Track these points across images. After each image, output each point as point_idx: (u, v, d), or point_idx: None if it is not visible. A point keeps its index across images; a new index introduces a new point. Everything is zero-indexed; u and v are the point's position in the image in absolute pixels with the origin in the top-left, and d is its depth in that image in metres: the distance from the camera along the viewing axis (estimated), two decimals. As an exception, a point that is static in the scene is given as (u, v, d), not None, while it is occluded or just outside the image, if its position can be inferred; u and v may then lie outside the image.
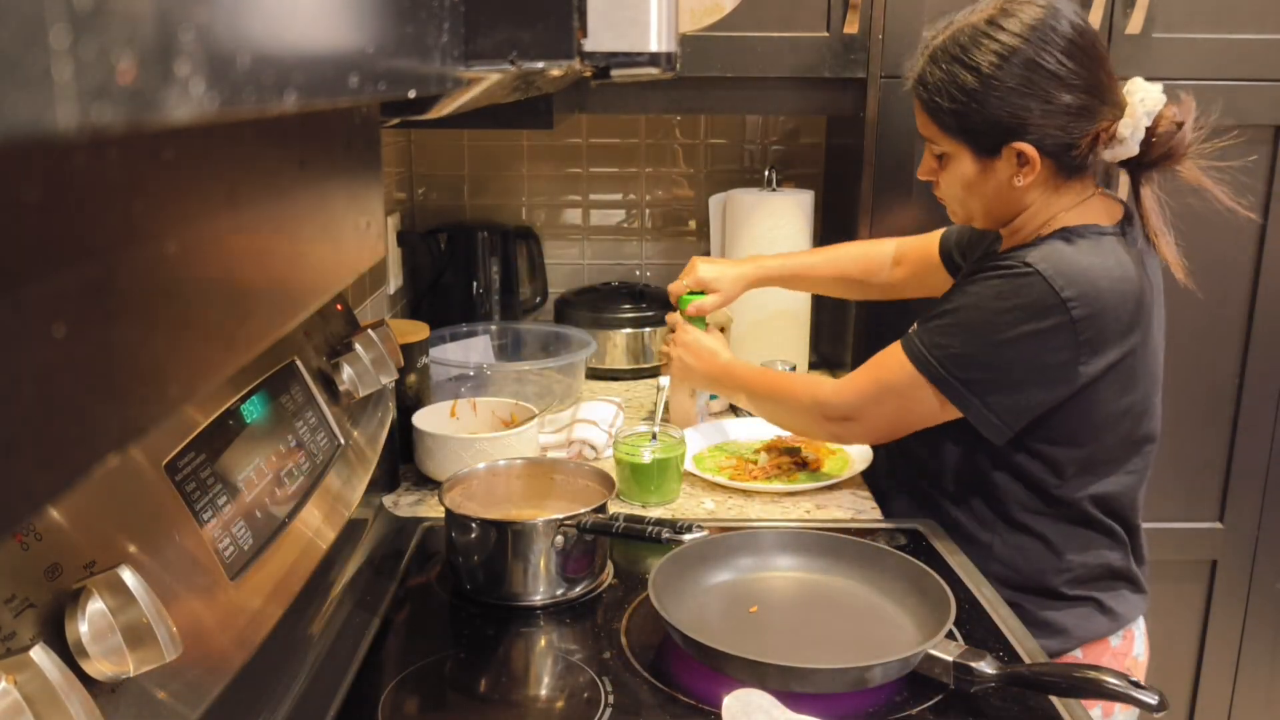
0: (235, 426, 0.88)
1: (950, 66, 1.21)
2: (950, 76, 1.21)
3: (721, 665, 0.98)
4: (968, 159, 1.24)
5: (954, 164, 1.26)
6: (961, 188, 1.27)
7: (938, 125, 1.24)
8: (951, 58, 1.21)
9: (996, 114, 1.19)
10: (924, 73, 1.24)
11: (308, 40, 0.29)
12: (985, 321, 1.20)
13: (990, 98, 1.19)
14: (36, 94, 0.18)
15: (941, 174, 1.29)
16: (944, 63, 1.21)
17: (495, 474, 1.28)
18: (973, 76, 1.19)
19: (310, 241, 0.42)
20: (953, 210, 1.34)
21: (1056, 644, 1.29)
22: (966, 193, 1.28)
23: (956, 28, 1.22)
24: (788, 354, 1.93)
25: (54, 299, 0.24)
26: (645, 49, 0.49)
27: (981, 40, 1.19)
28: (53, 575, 0.60)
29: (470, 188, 2.21)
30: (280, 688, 0.93)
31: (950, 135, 1.24)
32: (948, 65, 1.21)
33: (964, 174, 1.26)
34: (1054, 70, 1.17)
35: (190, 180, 0.30)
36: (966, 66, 1.20)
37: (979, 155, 1.24)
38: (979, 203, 1.28)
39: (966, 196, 1.28)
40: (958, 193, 1.29)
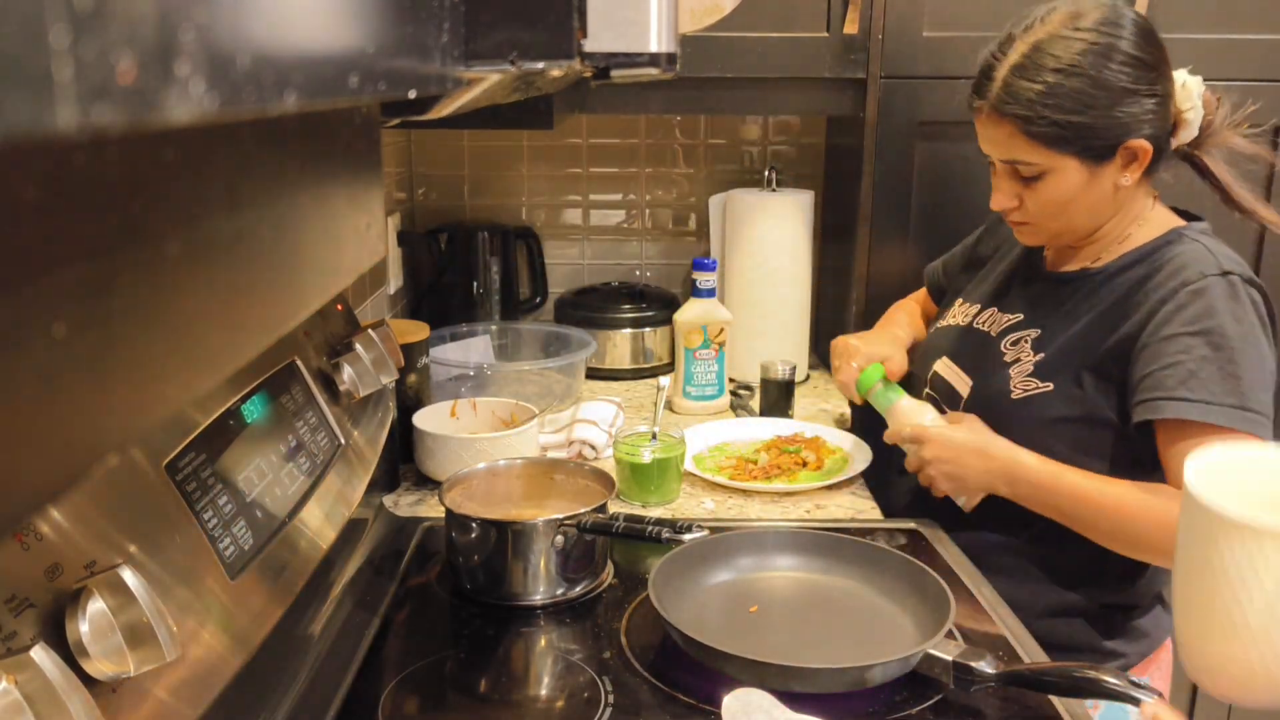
0: (235, 426, 0.88)
1: (1050, 77, 1.14)
2: (1053, 88, 1.14)
3: (721, 665, 0.98)
4: (1074, 170, 1.18)
5: (1054, 180, 1.19)
6: (1060, 204, 1.20)
7: (1041, 143, 1.17)
8: (1048, 69, 1.14)
9: (1112, 115, 1.15)
10: (1015, 91, 1.16)
11: (308, 40, 0.29)
12: (1243, 339, 1.14)
13: (1103, 99, 1.14)
14: (36, 94, 0.18)
15: (1029, 195, 1.21)
16: (1038, 76, 1.15)
17: (495, 474, 1.28)
18: (1081, 81, 1.14)
19: (310, 242, 0.42)
20: (1034, 232, 1.27)
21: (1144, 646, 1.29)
22: (1064, 208, 1.21)
23: (1037, 39, 1.16)
24: (788, 354, 1.93)
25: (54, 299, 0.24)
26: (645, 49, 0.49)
27: (1074, 43, 1.14)
28: (53, 575, 0.60)
29: (470, 188, 2.21)
30: (280, 688, 0.93)
31: (1056, 149, 1.17)
32: (1046, 77, 1.14)
33: (1067, 188, 1.19)
34: (1145, 59, 1.15)
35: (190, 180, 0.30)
36: (1071, 73, 1.14)
37: (1088, 163, 1.18)
38: (1079, 215, 1.22)
39: (1063, 212, 1.22)
40: (1052, 210, 1.22)
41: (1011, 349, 1.30)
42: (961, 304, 1.45)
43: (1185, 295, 1.16)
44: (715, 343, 1.79)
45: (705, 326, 1.78)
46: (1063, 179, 1.18)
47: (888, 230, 1.78)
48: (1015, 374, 1.28)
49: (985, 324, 1.37)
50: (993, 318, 1.37)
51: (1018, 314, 1.33)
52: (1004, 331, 1.33)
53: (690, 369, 1.80)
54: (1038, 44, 1.16)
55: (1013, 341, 1.31)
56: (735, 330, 1.91)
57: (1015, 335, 1.31)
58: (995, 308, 1.38)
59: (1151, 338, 1.17)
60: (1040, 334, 1.28)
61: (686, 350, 1.79)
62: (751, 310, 1.96)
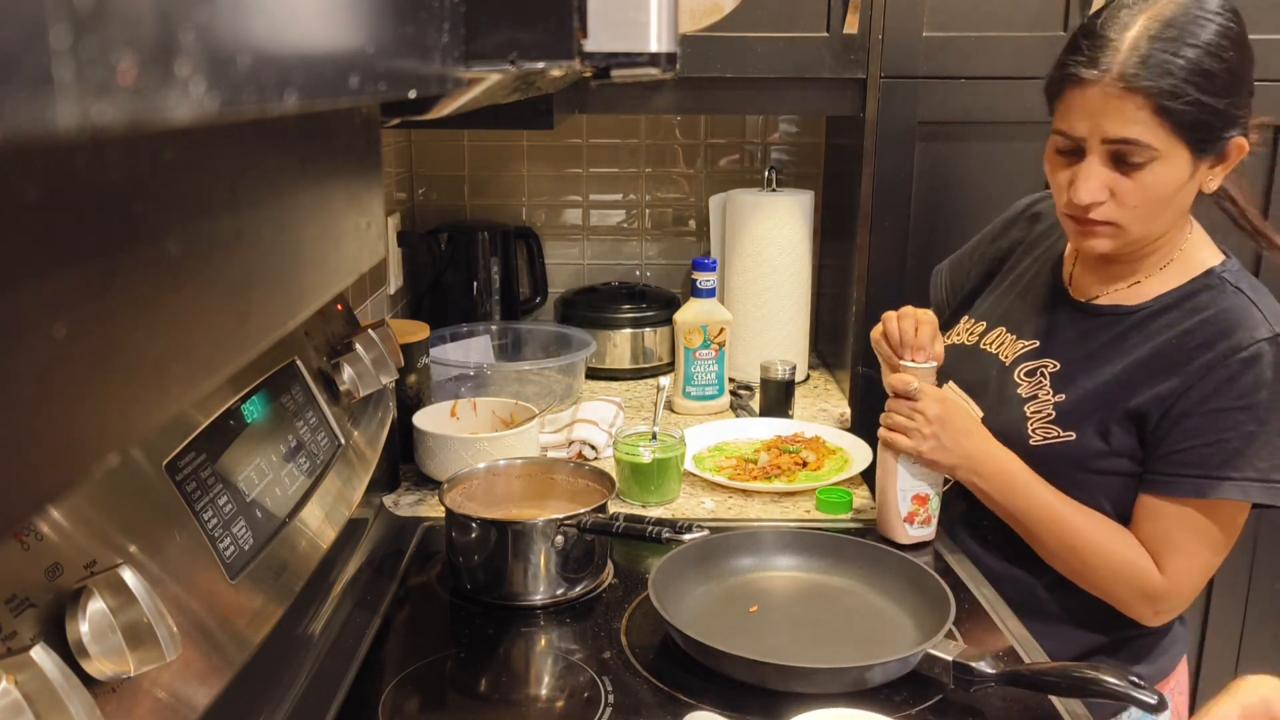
0: (235, 426, 0.88)
1: (1191, 53, 1.04)
2: (1196, 64, 1.04)
3: (721, 665, 0.98)
4: (1183, 162, 1.07)
5: (1161, 170, 1.07)
6: (1160, 200, 1.09)
7: (1170, 123, 1.05)
8: (1187, 44, 1.04)
9: (1235, 106, 1.07)
10: (1156, 62, 1.04)
11: (308, 40, 0.29)
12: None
13: (1233, 88, 1.06)
14: (36, 94, 0.18)
15: (1127, 187, 1.09)
16: (1179, 50, 1.04)
17: (495, 474, 1.28)
18: (1220, 65, 1.04)
19: (310, 242, 0.42)
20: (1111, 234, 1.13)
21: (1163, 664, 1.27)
22: (1160, 205, 1.10)
23: (1166, 14, 1.05)
24: (788, 354, 1.94)
25: (54, 299, 0.24)
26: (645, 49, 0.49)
27: (1209, 23, 1.05)
28: (53, 575, 0.60)
29: (470, 188, 2.21)
30: (280, 688, 0.93)
31: (1179, 134, 1.05)
32: (1187, 52, 1.04)
33: (1170, 181, 1.08)
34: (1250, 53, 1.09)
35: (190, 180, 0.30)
36: (1210, 53, 1.04)
37: (1195, 156, 1.08)
38: (1166, 217, 1.12)
39: (1157, 210, 1.11)
40: (1148, 209, 1.10)
41: (1026, 381, 1.23)
42: (968, 321, 1.37)
43: (1236, 364, 1.09)
44: (715, 343, 1.79)
45: (705, 326, 1.78)
46: (1170, 170, 1.07)
47: (888, 230, 1.78)
48: (1033, 415, 1.21)
49: (994, 346, 1.30)
50: (1002, 340, 1.29)
51: (1032, 340, 1.26)
52: (1018, 360, 1.25)
53: (690, 369, 1.80)
54: (1170, 19, 1.05)
55: (1027, 372, 1.23)
56: (735, 330, 1.91)
57: (1030, 365, 1.24)
58: (1004, 328, 1.30)
59: (1198, 409, 1.10)
60: (1060, 369, 1.21)
61: (686, 350, 1.79)
62: (751, 310, 1.96)
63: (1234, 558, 1.95)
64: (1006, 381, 1.25)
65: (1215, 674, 2.02)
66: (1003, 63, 1.70)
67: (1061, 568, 1.20)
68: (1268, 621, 1.99)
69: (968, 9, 1.69)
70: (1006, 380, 1.25)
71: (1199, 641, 2.01)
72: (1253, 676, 0.87)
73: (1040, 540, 1.19)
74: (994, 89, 1.71)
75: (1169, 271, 1.19)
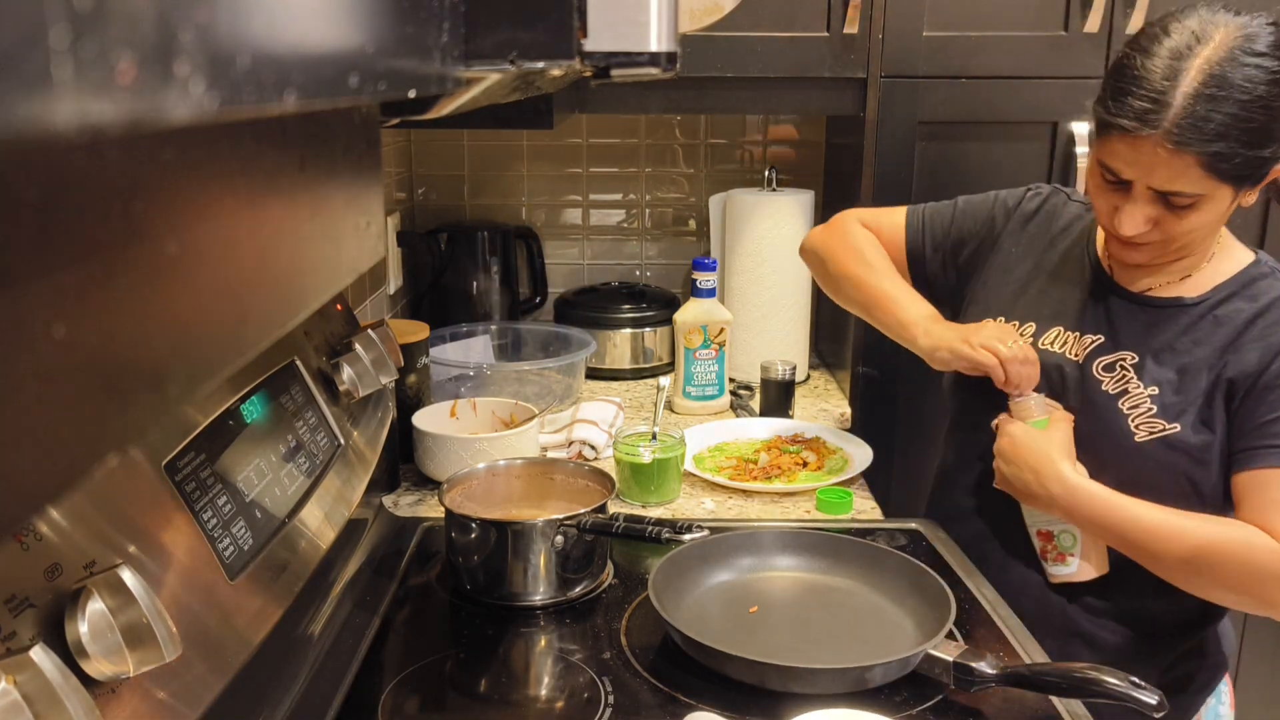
0: (235, 426, 0.88)
1: (1234, 109, 1.04)
2: (1240, 121, 1.05)
3: (721, 665, 0.98)
4: (1227, 198, 1.10)
5: (1206, 208, 1.10)
6: (1204, 230, 1.14)
7: (1216, 176, 1.07)
8: (1234, 100, 1.04)
9: (1276, 148, 1.08)
10: (1203, 122, 1.04)
11: (308, 40, 0.29)
12: None
13: (1271, 130, 1.06)
14: (36, 94, 0.18)
15: (1170, 221, 1.12)
16: (1224, 108, 1.04)
17: (495, 474, 1.28)
18: (1265, 115, 1.05)
19: (310, 242, 0.42)
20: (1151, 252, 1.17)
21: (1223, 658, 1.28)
22: (1206, 233, 1.15)
23: (1214, 65, 1.05)
24: (788, 354, 1.94)
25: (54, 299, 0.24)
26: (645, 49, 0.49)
27: (1256, 72, 1.05)
28: (53, 575, 0.60)
29: (470, 188, 2.21)
30: (280, 688, 0.93)
31: (1225, 181, 1.08)
32: (1230, 109, 1.04)
33: (1215, 215, 1.12)
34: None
35: (190, 180, 0.30)
36: (1256, 105, 1.05)
37: (1238, 189, 1.10)
38: (1209, 238, 1.18)
39: (1204, 238, 1.17)
40: (1193, 237, 1.15)
41: (1107, 376, 1.22)
42: (1006, 323, 1.31)
43: None
44: (715, 343, 1.79)
45: (705, 326, 1.78)
46: (1214, 206, 1.11)
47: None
48: (1131, 411, 1.19)
49: (1058, 345, 1.27)
50: (1064, 339, 1.27)
51: (1097, 335, 1.24)
52: (1090, 356, 1.23)
53: (690, 369, 1.80)
54: (1217, 72, 1.05)
55: (1105, 367, 1.22)
56: (735, 330, 1.91)
57: (1106, 360, 1.22)
58: (1062, 327, 1.27)
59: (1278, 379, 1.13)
60: (1139, 361, 1.20)
61: (686, 350, 1.79)
62: (751, 310, 1.96)
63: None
64: (1086, 379, 1.23)
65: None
66: (1003, 63, 1.70)
67: (1183, 578, 1.16)
68: (1268, 621, 1.99)
69: (968, 9, 1.69)
70: (1085, 378, 1.23)
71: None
72: None
73: (1154, 555, 1.15)
74: (994, 89, 1.71)
75: (1216, 265, 1.22)
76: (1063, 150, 1.74)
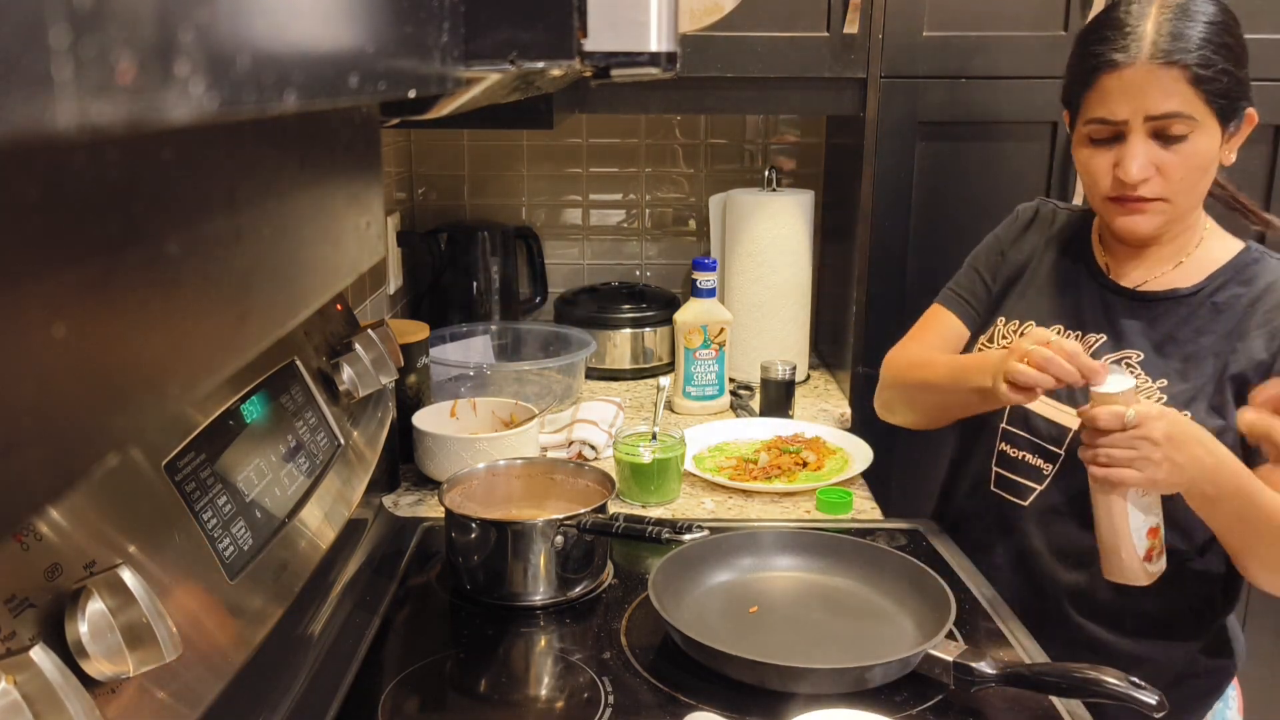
0: (235, 426, 0.88)
1: (1205, 29, 1.12)
2: (1214, 36, 1.12)
3: (721, 665, 0.98)
4: (1214, 132, 1.14)
5: (1198, 141, 1.13)
6: (1198, 169, 1.15)
7: (1205, 92, 1.11)
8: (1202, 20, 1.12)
9: (1245, 72, 1.14)
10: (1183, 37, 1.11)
11: (308, 40, 0.29)
12: None
13: (1243, 58, 1.14)
14: (36, 94, 0.18)
15: (1171, 161, 1.14)
16: (1196, 26, 1.12)
17: (495, 474, 1.28)
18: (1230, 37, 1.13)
19: (310, 241, 0.42)
20: (1156, 211, 1.17)
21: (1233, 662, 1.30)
22: (1199, 175, 1.16)
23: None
24: (788, 354, 1.94)
25: (54, 299, 0.24)
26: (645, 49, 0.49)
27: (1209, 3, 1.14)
28: (53, 575, 0.60)
29: (470, 188, 2.21)
30: (280, 688, 0.93)
31: (1212, 103, 1.12)
32: (1201, 28, 1.12)
33: (1207, 151, 1.14)
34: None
35: (190, 180, 0.30)
36: (1221, 27, 1.13)
37: (1222, 126, 1.14)
38: (1201, 188, 1.18)
39: (1196, 181, 1.16)
40: (1190, 181, 1.16)
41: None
42: (1006, 323, 1.32)
43: None
44: (715, 343, 1.79)
45: (705, 326, 1.78)
46: (1207, 139, 1.14)
47: (888, 230, 1.77)
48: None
49: None
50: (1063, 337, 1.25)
51: (1100, 334, 1.25)
52: (1094, 354, 1.22)
53: (690, 369, 1.80)
54: (1179, 3, 1.13)
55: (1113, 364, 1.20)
56: (735, 330, 1.91)
57: (1112, 357, 1.22)
58: (1061, 325, 1.28)
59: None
60: (1145, 357, 1.21)
61: (686, 350, 1.79)
62: (751, 310, 1.96)
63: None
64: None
65: (1215, 674, 2.02)
66: (1003, 63, 1.70)
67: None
68: (1268, 621, 2.00)
69: (968, 9, 1.69)
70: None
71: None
72: None
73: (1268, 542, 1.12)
74: (994, 89, 1.71)
75: (1203, 254, 1.23)
76: (1062, 150, 1.74)
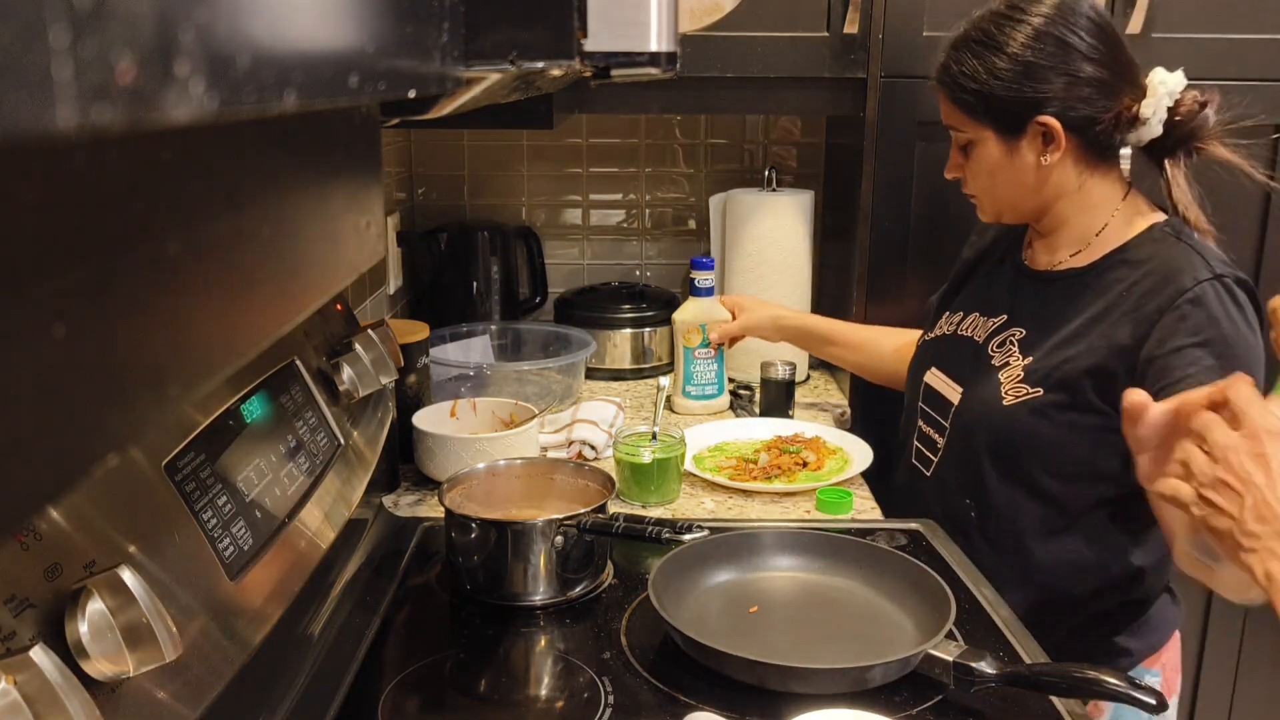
0: (235, 426, 0.88)
1: (976, 51, 1.24)
2: (976, 60, 1.24)
3: (721, 665, 0.98)
4: (993, 143, 1.26)
5: (980, 151, 1.28)
6: (989, 175, 1.29)
7: (962, 110, 1.27)
8: (977, 44, 1.24)
9: (1021, 89, 1.22)
10: (948, 62, 1.27)
11: (308, 40, 0.29)
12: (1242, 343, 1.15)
13: (1015, 74, 1.22)
14: (36, 94, 0.18)
15: (968, 165, 1.30)
16: (968, 49, 1.25)
17: (495, 474, 1.28)
18: (999, 57, 1.22)
19: (310, 241, 0.42)
20: (983, 207, 1.34)
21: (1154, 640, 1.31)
22: (994, 180, 1.29)
23: (978, 17, 1.27)
24: (788, 354, 1.93)
25: (54, 299, 0.24)
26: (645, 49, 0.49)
27: (1005, 24, 1.23)
28: (53, 575, 0.60)
29: (470, 188, 2.21)
30: (280, 688, 0.93)
31: (975, 118, 1.26)
32: (973, 51, 1.24)
33: (991, 160, 1.27)
34: (1076, 44, 1.21)
35: (190, 180, 0.30)
36: (992, 48, 1.23)
37: (1004, 136, 1.25)
38: (1008, 190, 1.29)
39: (994, 185, 1.29)
40: (985, 183, 1.30)
41: (999, 352, 1.31)
42: (947, 316, 1.45)
43: (1185, 305, 1.16)
44: (714, 342, 1.79)
45: (704, 325, 1.78)
46: (986, 150, 1.27)
47: (888, 230, 1.77)
48: (1005, 379, 1.28)
49: (970, 330, 1.38)
50: (976, 323, 1.38)
51: (1001, 315, 1.35)
52: (990, 335, 1.34)
53: (689, 368, 1.80)
54: (977, 21, 1.26)
55: (999, 344, 1.32)
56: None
57: (1001, 337, 1.32)
58: (978, 312, 1.38)
59: (1158, 350, 1.16)
60: (1026, 334, 1.29)
61: (685, 349, 1.79)
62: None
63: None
64: (981, 356, 1.33)
65: (1216, 673, 2.02)
66: (1003, 63, 1.70)
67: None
68: (1268, 621, 1.99)
69: (968, 9, 1.67)
70: (981, 355, 1.33)
71: (1199, 642, 2.01)
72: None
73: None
74: (994, 89, 1.71)
75: (1109, 234, 1.28)
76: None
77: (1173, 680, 1.34)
